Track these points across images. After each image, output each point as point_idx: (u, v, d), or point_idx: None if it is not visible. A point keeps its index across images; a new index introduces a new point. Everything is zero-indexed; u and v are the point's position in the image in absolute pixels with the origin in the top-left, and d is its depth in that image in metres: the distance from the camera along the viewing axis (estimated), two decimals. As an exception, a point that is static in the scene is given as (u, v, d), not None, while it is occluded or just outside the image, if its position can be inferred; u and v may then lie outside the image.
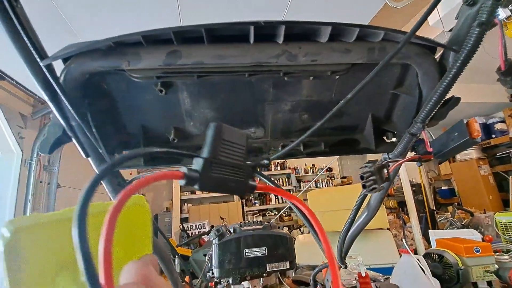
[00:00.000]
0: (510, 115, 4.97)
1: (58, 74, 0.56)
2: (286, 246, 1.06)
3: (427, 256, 1.72)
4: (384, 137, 0.85)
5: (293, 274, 1.59)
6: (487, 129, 5.30)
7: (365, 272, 1.54)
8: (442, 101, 0.57)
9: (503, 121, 5.14)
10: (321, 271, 1.35)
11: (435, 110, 0.57)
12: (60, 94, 0.53)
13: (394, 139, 0.83)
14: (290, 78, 0.66)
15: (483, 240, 1.93)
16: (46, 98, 0.56)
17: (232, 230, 1.16)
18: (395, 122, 0.81)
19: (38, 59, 0.49)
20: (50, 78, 0.51)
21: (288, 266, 1.06)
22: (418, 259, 1.45)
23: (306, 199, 3.82)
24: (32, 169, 2.98)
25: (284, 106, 0.77)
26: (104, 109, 0.69)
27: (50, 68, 0.52)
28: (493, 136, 5.18)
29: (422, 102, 0.68)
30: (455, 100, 0.64)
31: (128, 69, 0.58)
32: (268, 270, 1.01)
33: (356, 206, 0.84)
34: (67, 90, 0.55)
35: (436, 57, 0.62)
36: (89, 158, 0.69)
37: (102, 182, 0.76)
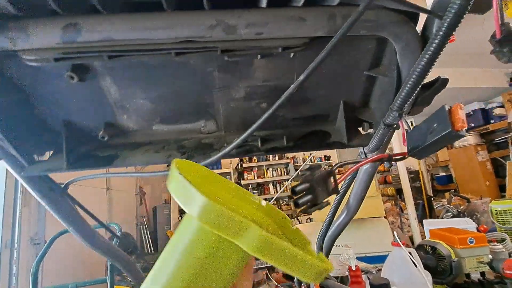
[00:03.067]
0: (509, 99, 4.87)
1: None
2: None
3: (420, 247, 1.69)
4: (360, 128, 0.74)
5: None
6: (486, 114, 5.21)
7: (356, 266, 1.51)
8: (425, 83, 0.47)
9: (502, 106, 5.04)
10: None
11: (415, 93, 0.47)
12: None
13: (371, 130, 0.71)
14: (232, 57, 0.54)
15: (477, 229, 1.90)
16: None
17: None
18: (372, 110, 0.70)
19: None
20: None
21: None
22: (410, 252, 1.42)
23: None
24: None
25: (235, 93, 0.65)
26: (11, 102, 0.57)
27: None
28: (492, 121, 5.11)
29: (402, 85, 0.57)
30: (442, 82, 0.53)
31: (17, 50, 0.46)
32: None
33: (334, 206, 0.76)
34: None
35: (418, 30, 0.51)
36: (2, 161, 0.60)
37: (29, 188, 0.67)
